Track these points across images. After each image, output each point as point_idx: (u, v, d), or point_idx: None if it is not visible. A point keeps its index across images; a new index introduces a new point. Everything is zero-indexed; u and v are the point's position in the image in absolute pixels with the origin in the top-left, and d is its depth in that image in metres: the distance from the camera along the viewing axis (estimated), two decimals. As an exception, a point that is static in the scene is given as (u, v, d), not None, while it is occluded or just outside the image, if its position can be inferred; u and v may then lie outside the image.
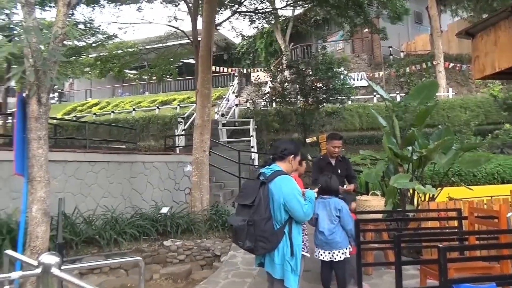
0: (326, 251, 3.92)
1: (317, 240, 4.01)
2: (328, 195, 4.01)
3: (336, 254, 3.88)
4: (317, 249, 4.02)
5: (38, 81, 3.11)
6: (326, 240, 3.90)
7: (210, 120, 7.54)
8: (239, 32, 14.84)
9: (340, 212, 3.93)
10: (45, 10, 9.87)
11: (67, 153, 6.73)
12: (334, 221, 3.92)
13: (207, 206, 7.34)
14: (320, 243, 3.96)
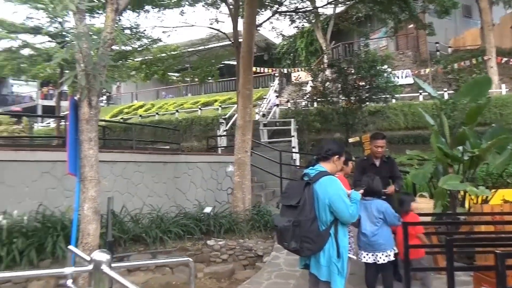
0: (370, 253, 3.82)
1: (360, 242, 3.93)
2: (370, 197, 3.90)
3: (379, 257, 3.77)
4: (360, 251, 3.93)
5: (88, 85, 3.25)
6: (369, 242, 3.80)
7: (251, 120, 7.57)
8: (279, 32, 14.73)
9: (385, 214, 3.82)
10: (94, 17, 10.33)
11: (115, 153, 7.00)
12: (377, 223, 3.81)
13: (249, 206, 7.38)
14: (363, 245, 3.88)
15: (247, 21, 7.46)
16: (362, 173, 4.63)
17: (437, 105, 6.03)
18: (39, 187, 5.91)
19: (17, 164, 5.83)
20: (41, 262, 4.88)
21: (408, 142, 13.22)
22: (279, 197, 9.91)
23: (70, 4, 2.76)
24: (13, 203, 5.64)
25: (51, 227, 5.15)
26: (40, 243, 4.92)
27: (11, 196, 5.69)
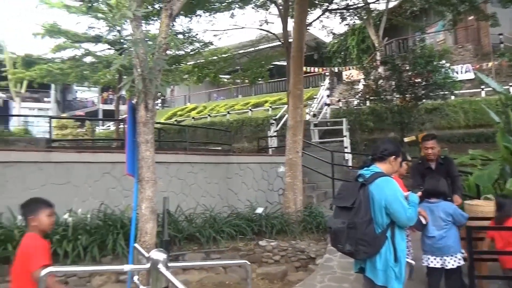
0: (437, 258, 3.62)
1: (425, 246, 3.74)
2: (436, 199, 3.71)
3: (447, 261, 3.56)
4: (425, 256, 3.74)
5: (145, 89, 3.38)
6: (436, 245, 3.61)
7: (302, 120, 7.50)
8: (330, 30, 14.46)
9: (453, 216, 3.62)
10: (149, 23, 10.76)
11: (170, 155, 7.23)
12: (445, 225, 3.61)
13: (300, 207, 7.31)
14: (429, 248, 3.68)
15: (297, 21, 7.41)
16: (420, 177, 4.41)
17: (502, 100, 5.61)
18: (100, 187, 6.25)
19: (81, 165, 6.20)
20: (103, 258, 5.14)
21: (469, 141, 12.47)
22: (331, 198, 9.77)
23: (127, 12, 2.88)
24: (77, 202, 6.01)
25: (111, 225, 5.41)
26: (102, 240, 5.18)
27: (76, 195, 6.06)
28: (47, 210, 2.70)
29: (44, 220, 2.66)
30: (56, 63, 15.26)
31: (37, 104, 29.32)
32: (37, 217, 2.65)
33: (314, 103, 18.11)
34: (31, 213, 2.66)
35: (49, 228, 2.73)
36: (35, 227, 2.66)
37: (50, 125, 8.43)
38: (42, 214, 2.66)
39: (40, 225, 2.66)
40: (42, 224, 2.66)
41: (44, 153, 6.21)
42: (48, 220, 2.69)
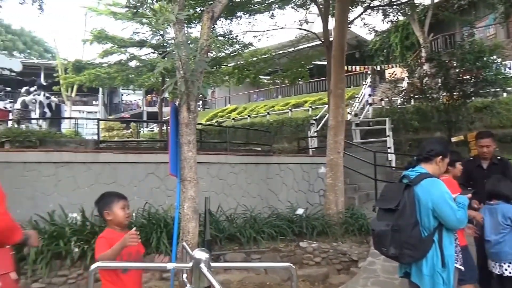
0: (497, 263, 3.43)
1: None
2: (496, 200, 3.50)
3: (505, 268, 3.36)
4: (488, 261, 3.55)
5: (187, 91, 3.45)
6: (492, 250, 3.41)
7: (344, 120, 7.37)
8: (372, 28, 14.11)
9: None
10: (191, 27, 10.99)
11: (211, 155, 7.34)
12: (503, 229, 3.39)
13: (342, 208, 7.18)
14: (488, 253, 3.50)
15: (338, 19, 7.29)
16: (468, 176, 4.19)
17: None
18: (145, 187, 6.45)
19: (126, 165, 6.44)
20: (147, 256, 5.29)
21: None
22: (373, 200, 9.54)
23: (170, 16, 2.95)
24: (123, 201, 6.23)
25: (155, 223, 5.57)
26: (146, 238, 5.33)
27: (122, 194, 6.29)
28: (120, 202, 2.63)
29: (118, 213, 2.61)
30: (103, 68, 15.95)
31: (86, 107, 30.78)
32: (111, 211, 2.60)
33: (355, 102, 17.77)
34: (104, 207, 2.62)
35: (125, 220, 2.66)
36: (111, 221, 2.62)
37: (98, 127, 8.80)
38: (115, 207, 2.60)
39: (115, 219, 2.61)
40: (116, 217, 2.61)
41: (93, 154, 6.51)
42: (123, 212, 2.62)
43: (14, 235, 2.25)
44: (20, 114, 12.78)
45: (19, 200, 5.80)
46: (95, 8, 15.84)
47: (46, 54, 41.57)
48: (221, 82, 17.29)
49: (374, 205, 3.17)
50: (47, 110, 13.01)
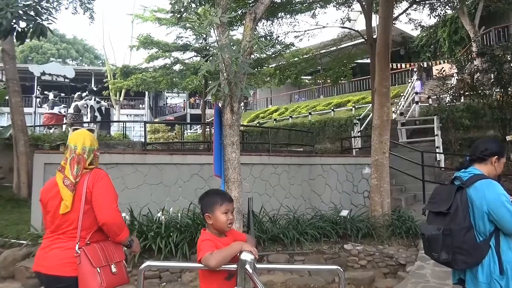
0: None
1: None
2: None
3: None
4: None
5: (231, 92, 3.48)
6: None
7: (389, 120, 7.15)
8: (418, 23, 13.60)
9: None
10: (232, 29, 11.12)
11: (253, 156, 7.38)
12: None
13: (388, 210, 6.97)
14: None
15: (382, 16, 7.09)
16: None
17: None
18: (189, 187, 6.59)
19: (172, 166, 6.61)
20: (192, 255, 5.40)
21: None
22: (421, 202, 9.18)
23: (214, 19, 2.99)
24: (169, 201, 6.41)
25: (200, 223, 5.67)
26: (191, 238, 5.44)
27: (167, 195, 6.47)
28: (223, 206, 2.28)
29: (220, 218, 2.28)
30: (149, 72, 16.50)
31: (133, 110, 32.01)
32: (212, 215, 2.28)
33: (401, 101, 17.22)
34: (206, 210, 2.31)
35: (226, 227, 2.32)
36: (211, 225, 2.31)
37: (145, 130, 9.12)
38: (218, 211, 2.27)
39: (215, 224, 2.28)
40: (217, 223, 2.28)
41: (140, 156, 6.75)
42: (225, 218, 2.27)
43: (122, 233, 2.46)
44: (73, 118, 13.51)
45: (73, 199, 6.11)
46: (141, 15, 16.43)
47: (96, 61, 43.67)
48: (262, 83, 17.36)
49: (424, 208, 3.02)
50: (97, 114, 13.65)
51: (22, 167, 7.92)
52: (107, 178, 2.53)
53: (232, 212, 2.36)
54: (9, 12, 4.54)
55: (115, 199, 2.50)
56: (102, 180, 2.50)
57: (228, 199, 2.36)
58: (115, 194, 2.51)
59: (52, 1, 7.71)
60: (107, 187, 2.48)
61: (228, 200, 2.35)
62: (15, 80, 8.43)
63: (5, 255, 5.54)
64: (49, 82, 19.38)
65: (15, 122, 8.18)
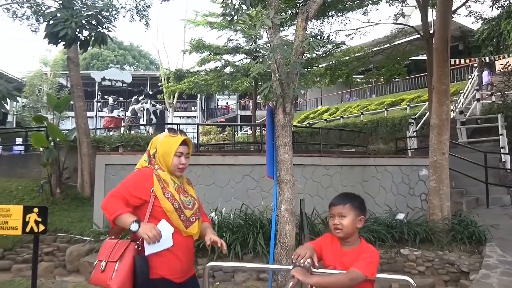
0: None
1: None
2: None
3: None
4: None
5: (283, 93, 3.47)
6: None
7: (448, 118, 6.78)
8: (479, 16, 12.79)
9: None
10: (282, 30, 11.11)
11: (305, 157, 7.31)
12: None
13: (448, 214, 6.60)
14: None
15: (440, 9, 6.74)
16: None
17: None
18: (241, 188, 6.66)
19: (224, 167, 6.72)
20: (244, 256, 5.44)
21: None
22: (484, 206, 8.61)
23: (266, 20, 2.99)
24: (221, 201, 6.52)
25: (252, 224, 5.70)
26: (243, 239, 5.49)
27: (220, 195, 6.58)
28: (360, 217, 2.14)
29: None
30: (201, 75, 16.90)
31: (186, 112, 32.95)
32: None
33: (460, 98, 16.30)
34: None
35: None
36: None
37: (197, 132, 9.35)
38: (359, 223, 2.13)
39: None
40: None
41: (193, 157, 6.89)
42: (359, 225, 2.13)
43: (107, 214, 2.25)
44: (131, 121, 14.16)
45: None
46: (193, 20, 16.88)
47: (151, 66, 45.50)
48: (312, 83, 17.18)
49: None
50: (153, 116, 14.20)
51: (85, 168, 8.41)
52: (134, 172, 2.45)
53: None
54: (73, 22, 4.84)
55: (119, 185, 2.36)
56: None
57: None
58: (123, 183, 2.37)
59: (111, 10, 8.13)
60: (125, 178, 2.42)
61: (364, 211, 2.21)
62: (78, 86, 8.98)
63: (70, 250, 5.92)
64: (109, 87, 20.46)
65: (79, 126, 8.70)
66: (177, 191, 2.34)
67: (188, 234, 2.32)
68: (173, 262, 2.22)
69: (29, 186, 8.43)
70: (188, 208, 2.33)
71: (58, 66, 27.88)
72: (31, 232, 4.13)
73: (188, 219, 2.32)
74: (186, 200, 2.35)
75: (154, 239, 2.08)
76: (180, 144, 2.41)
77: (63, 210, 7.45)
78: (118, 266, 2.13)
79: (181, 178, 2.46)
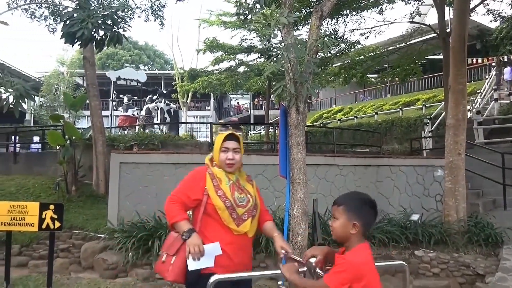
0: None
1: None
2: None
3: None
4: None
5: (296, 92, 3.46)
6: None
7: (465, 118, 6.67)
8: (497, 14, 12.53)
9: None
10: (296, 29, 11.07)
11: (318, 157, 7.27)
12: None
13: (463, 216, 6.49)
14: None
15: (457, 8, 6.63)
16: None
17: None
18: (254, 187, 6.65)
19: (237, 166, 6.71)
20: (257, 255, 5.45)
21: None
22: (501, 208, 8.45)
23: (281, 19, 2.99)
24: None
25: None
26: (256, 238, 5.46)
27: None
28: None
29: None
30: (214, 75, 16.97)
31: (200, 112, 33.13)
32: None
33: (477, 98, 16.03)
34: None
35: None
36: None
37: (211, 131, 9.39)
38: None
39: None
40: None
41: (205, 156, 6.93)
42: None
43: (168, 218, 2.43)
44: (145, 120, 14.29)
45: (145, 197, 6.46)
46: (207, 19, 16.95)
47: (166, 66, 45.86)
48: (326, 83, 17.09)
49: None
50: (167, 116, 14.30)
51: (100, 166, 8.52)
52: (190, 172, 2.56)
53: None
54: (90, 23, 4.90)
55: (177, 187, 2.49)
56: None
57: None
58: (180, 184, 2.51)
59: (127, 11, 8.22)
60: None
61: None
62: (94, 85, 9.10)
63: (85, 247, 6.00)
64: (124, 87, 20.69)
65: (94, 124, 8.82)
66: (231, 188, 2.38)
67: (239, 233, 2.33)
68: (223, 260, 2.28)
69: (45, 183, 8.58)
70: (240, 206, 2.36)
71: (75, 65, 28.31)
72: (47, 229, 4.21)
73: (239, 217, 2.34)
74: (239, 198, 2.38)
75: (194, 255, 2.18)
76: (228, 140, 2.45)
77: (78, 208, 7.56)
78: (174, 260, 2.28)
79: (238, 175, 2.49)
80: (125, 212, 6.31)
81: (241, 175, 2.51)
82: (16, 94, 4.85)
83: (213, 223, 2.34)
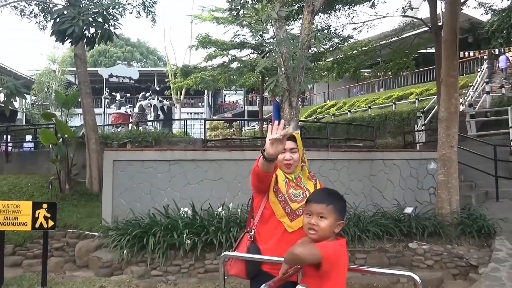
0: None
1: None
2: None
3: None
4: None
5: (289, 87, 3.46)
6: None
7: (457, 111, 6.71)
8: (488, 7, 12.59)
9: None
10: (288, 25, 11.05)
11: (312, 152, 7.28)
12: None
13: (456, 208, 6.55)
14: None
15: (449, 1, 6.65)
16: None
17: None
18: (248, 183, 6.64)
19: (231, 162, 6.72)
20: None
21: None
22: (493, 199, 8.53)
23: (272, 13, 2.98)
24: (229, 196, 6.53)
25: (259, 219, 5.70)
26: (251, 233, 5.49)
27: (227, 190, 6.59)
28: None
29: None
30: (208, 71, 16.91)
31: (193, 108, 33.03)
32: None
33: (469, 91, 16.14)
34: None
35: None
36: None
37: (204, 127, 9.38)
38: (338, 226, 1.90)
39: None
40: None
41: (201, 152, 6.93)
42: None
43: None
44: (138, 117, 14.22)
45: (139, 194, 6.44)
46: (200, 15, 16.86)
47: (159, 62, 45.61)
48: (319, 77, 17.10)
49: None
50: (160, 112, 14.25)
51: (93, 164, 8.47)
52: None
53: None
54: (80, 20, 4.86)
55: None
56: None
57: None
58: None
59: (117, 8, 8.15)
60: None
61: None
62: (86, 83, 9.02)
63: (80, 246, 5.98)
64: (116, 84, 20.57)
65: (87, 122, 8.76)
66: (286, 184, 2.37)
67: (293, 230, 2.29)
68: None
69: (38, 182, 8.52)
70: (295, 201, 2.33)
71: (66, 63, 28.08)
72: (40, 228, 4.18)
73: (294, 211, 2.30)
74: (295, 193, 2.35)
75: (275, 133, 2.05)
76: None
77: (72, 206, 7.52)
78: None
79: (298, 173, 2.44)
80: (119, 210, 6.29)
81: (304, 174, 2.47)
82: (6, 92, 4.80)
83: (268, 221, 2.35)
